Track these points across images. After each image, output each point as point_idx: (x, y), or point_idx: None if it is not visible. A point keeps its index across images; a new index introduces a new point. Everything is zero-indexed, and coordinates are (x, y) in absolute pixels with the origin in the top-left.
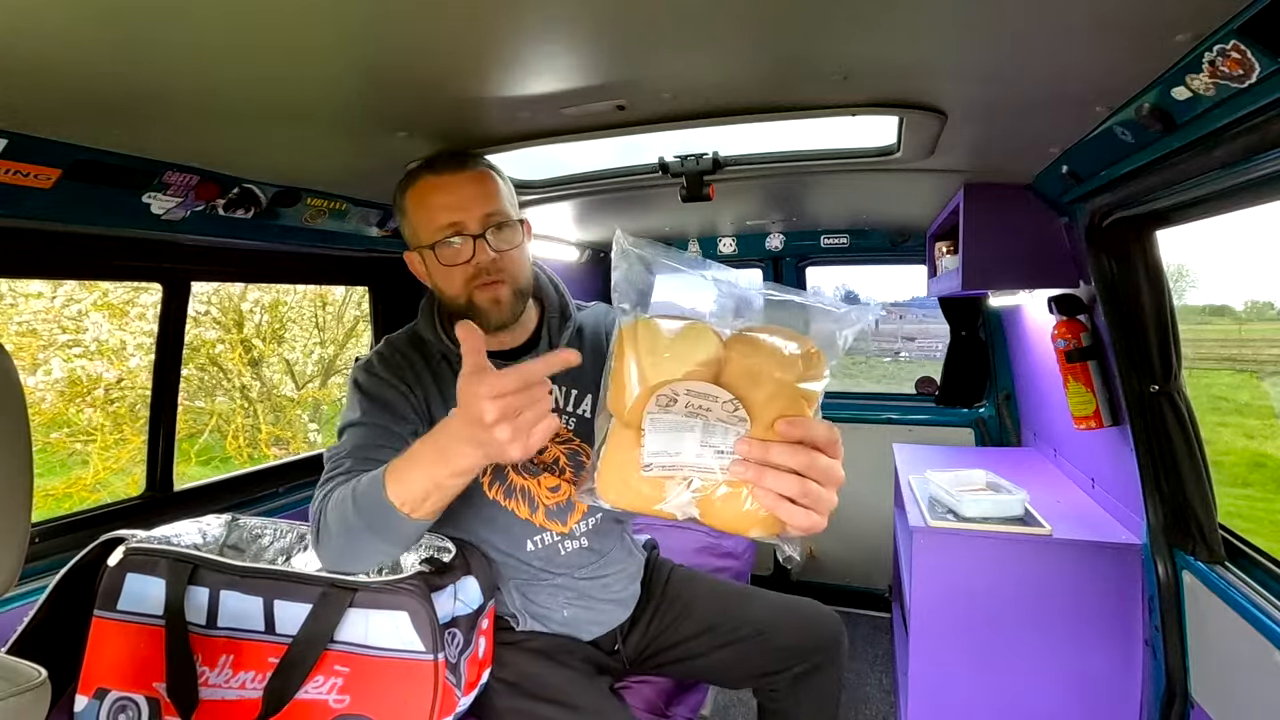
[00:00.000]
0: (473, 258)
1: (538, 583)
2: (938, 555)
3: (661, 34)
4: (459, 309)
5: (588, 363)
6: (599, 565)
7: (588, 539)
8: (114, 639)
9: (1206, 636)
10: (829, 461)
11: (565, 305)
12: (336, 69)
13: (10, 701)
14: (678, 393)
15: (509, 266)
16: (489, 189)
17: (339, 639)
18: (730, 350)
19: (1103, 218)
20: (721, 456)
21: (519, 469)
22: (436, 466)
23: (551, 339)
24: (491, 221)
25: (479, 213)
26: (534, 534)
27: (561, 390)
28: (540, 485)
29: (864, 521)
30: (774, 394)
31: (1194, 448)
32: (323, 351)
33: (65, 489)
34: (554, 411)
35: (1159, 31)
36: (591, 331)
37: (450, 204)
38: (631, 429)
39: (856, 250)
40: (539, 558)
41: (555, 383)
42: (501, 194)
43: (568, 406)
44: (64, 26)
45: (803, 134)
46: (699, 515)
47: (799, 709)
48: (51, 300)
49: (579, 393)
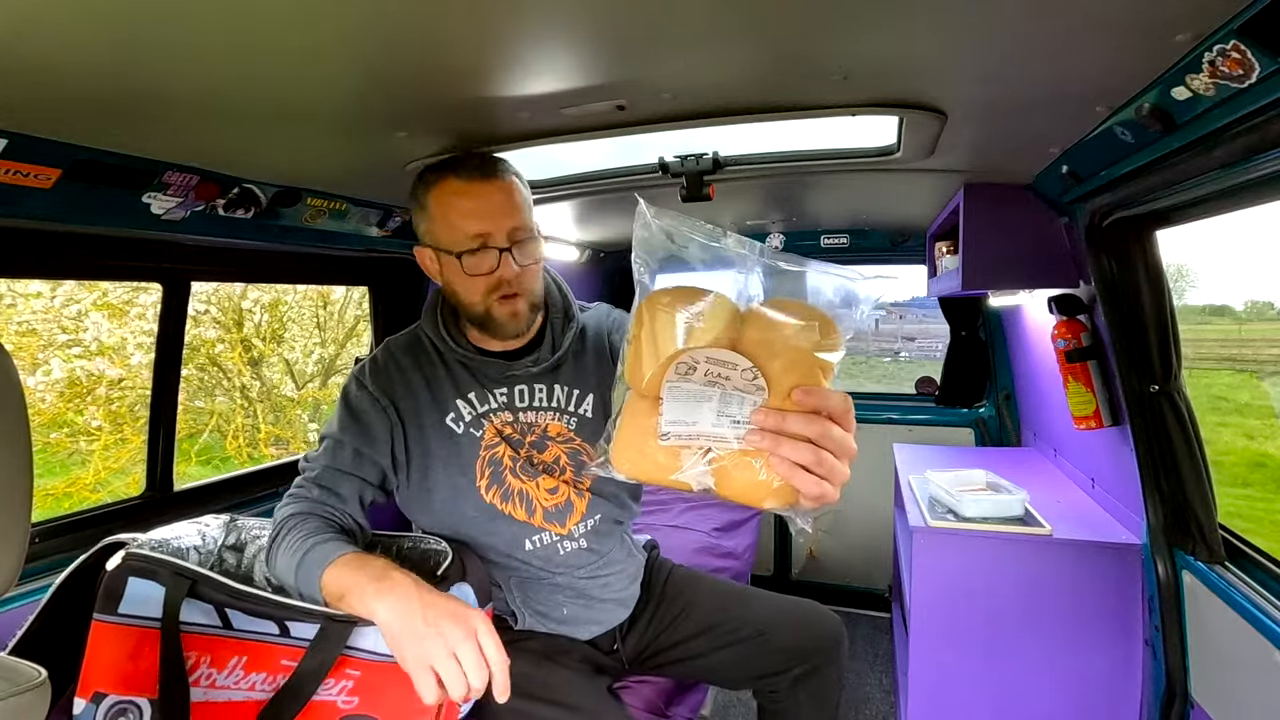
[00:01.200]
0: (497, 270)
1: (537, 581)
2: (938, 555)
3: (661, 34)
4: (474, 316)
5: (590, 363)
6: (599, 565)
7: (586, 540)
8: (113, 642)
9: (1206, 636)
10: (842, 433)
11: (569, 306)
12: (337, 69)
13: (10, 702)
14: (697, 360)
15: (528, 280)
16: (516, 201)
17: (354, 645)
18: (747, 321)
19: (1103, 218)
20: (738, 426)
21: (516, 472)
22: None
23: (555, 340)
24: (518, 236)
25: (507, 225)
26: (532, 534)
27: (563, 390)
28: (539, 487)
29: (864, 521)
30: (791, 364)
31: (1194, 448)
32: (323, 351)
33: (65, 489)
34: (554, 411)
35: (1159, 31)
36: (594, 332)
37: (479, 213)
38: (648, 399)
39: (856, 250)
40: (538, 557)
41: (559, 384)
42: (526, 206)
43: (568, 406)
44: (64, 26)
45: (803, 134)
46: (714, 485)
47: (799, 710)
48: (51, 300)
49: (580, 393)
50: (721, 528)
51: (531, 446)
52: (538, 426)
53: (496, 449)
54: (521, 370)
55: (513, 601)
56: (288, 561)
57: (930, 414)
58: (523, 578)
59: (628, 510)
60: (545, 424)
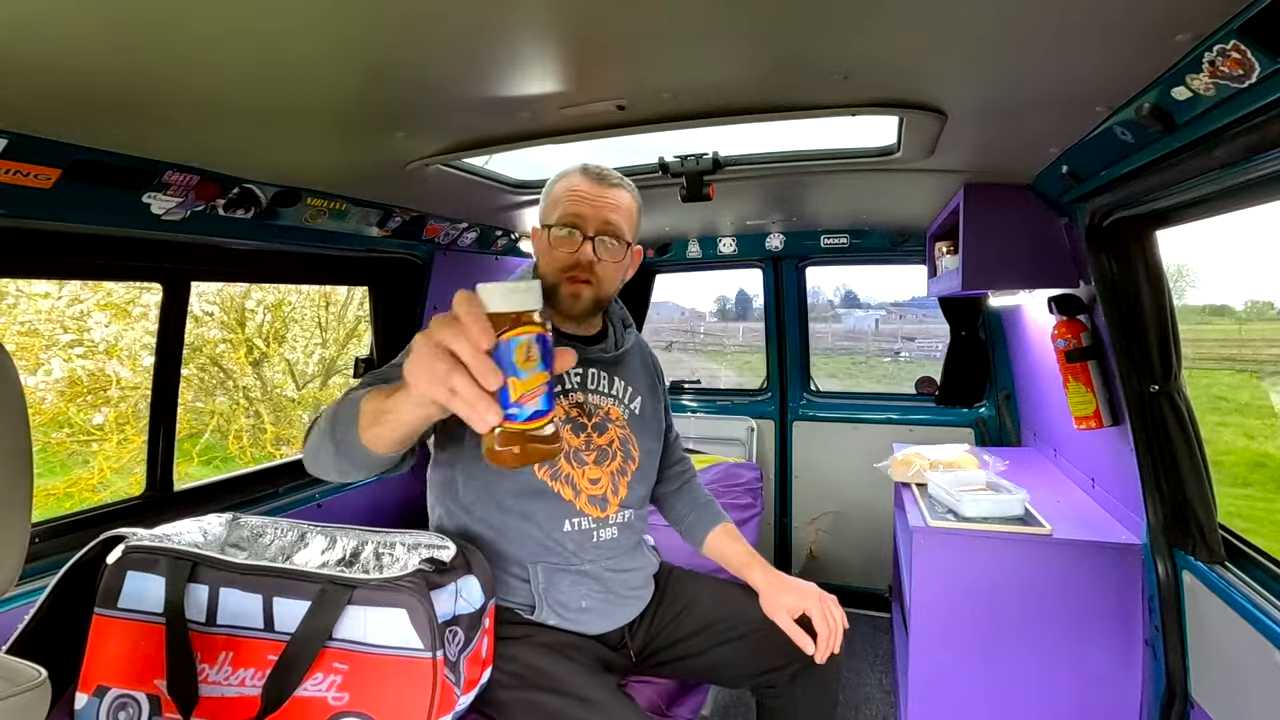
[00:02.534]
0: (576, 251)
1: (566, 569)
2: (938, 555)
3: (661, 34)
4: (547, 288)
5: (638, 369)
6: (626, 558)
7: (618, 530)
8: (114, 637)
9: (1206, 636)
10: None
11: (625, 316)
12: (337, 69)
13: (10, 701)
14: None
15: (601, 274)
16: (619, 205)
17: (338, 636)
18: None
19: (1103, 218)
20: None
21: (569, 458)
22: (395, 394)
23: (617, 339)
24: (608, 230)
25: (601, 219)
26: (573, 515)
27: (622, 383)
28: (584, 476)
29: (864, 521)
30: None
31: (1194, 447)
32: (324, 352)
33: (66, 489)
34: (615, 399)
35: (1159, 31)
36: (634, 346)
37: (584, 201)
38: None
39: (856, 250)
40: (573, 540)
41: (619, 377)
42: (630, 218)
43: (624, 398)
44: (64, 27)
45: (803, 134)
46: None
47: (798, 705)
48: (57, 300)
49: (633, 390)
50: None
51: (594, 428)
52: (602, 409)
53: None
54: (596, 354)
55: (535, 588)
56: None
57: (930, 414)
58: (551, 565)
59: (645, 520)
60: (609, 408)
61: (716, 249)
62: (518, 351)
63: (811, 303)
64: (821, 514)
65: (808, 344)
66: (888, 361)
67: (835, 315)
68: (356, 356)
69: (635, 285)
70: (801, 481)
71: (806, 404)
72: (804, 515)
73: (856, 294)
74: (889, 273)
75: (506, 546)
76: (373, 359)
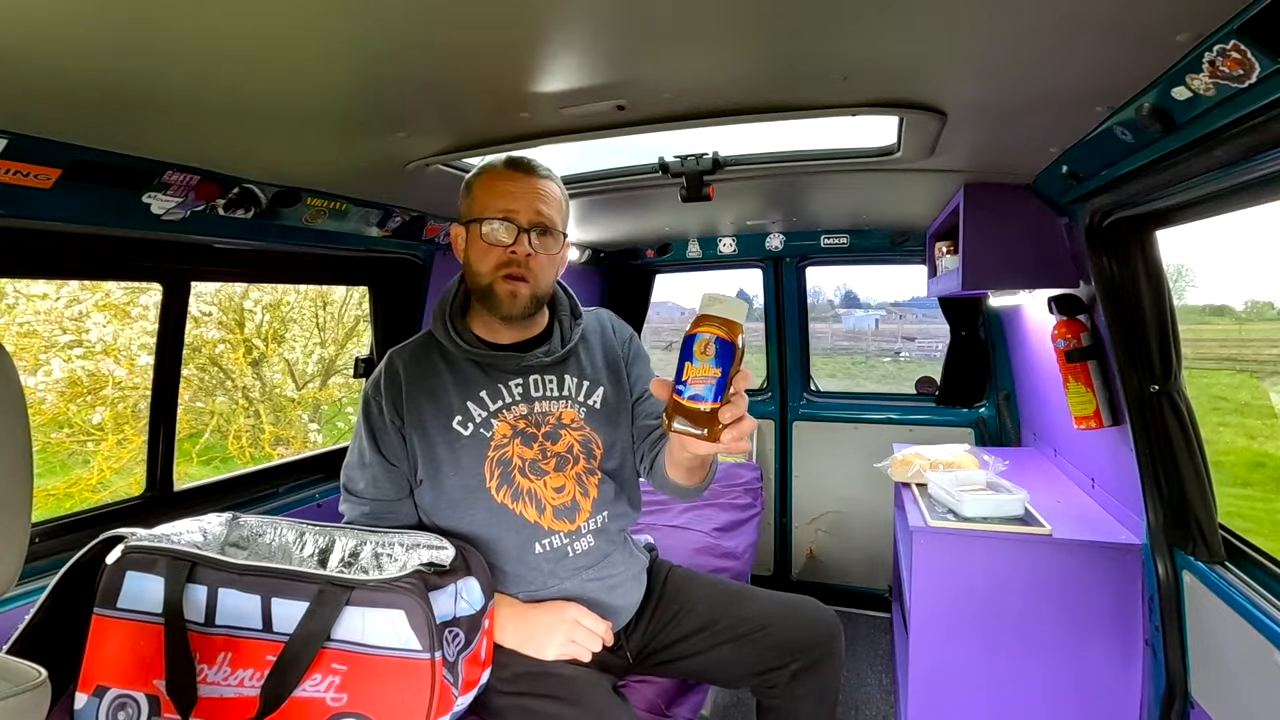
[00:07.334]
0: (511, 245)
1: (545, 591)
2: (938, 555)
3: (661, 34)
4: (479, 290)
5: (598, 359)
6: (605, 565)
7: (594, 538)
8: (113, 637)
9: (1206, 636)
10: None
11: (574, 306)
12: (337, 69)
13: (10, 701)
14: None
15: (537, 269)
16: (547, 195)
17: (336, 637)
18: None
19: (1103, 218)
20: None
21: (525, 471)
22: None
23: (564, 334)
24: (540, 221)
25: (533, 209)
26: (542, 537)
27: (573, 380)
28: (546, 486)
29: (864, 521)
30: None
31: (1194, 447)
32: (323, 352)
33: (66, 489)
34: (566, 400)
35: (1159, 31)
36: (593, 331)
37: (510, 194)
38: None
39: (856, 250)
40: (548, 560)
41: (569, 375)
42: (560, 209)
43: (578, 396)
44: (65, 27)
45: (803, 134)
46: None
47: (797, 705)
48: (55, 300)
49: (590, 385)
50: (721, 528)
51: (546, 437)
52: (552, 415)
53: (506, 449)
54: (535, 360)
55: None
56: None
57: (930, 414)
58: (532, 590)
59: (627, 515)
60: (559, 412)
61: (716, 249)
62: (698, 344)
63: (811, 303)
64: (821, 514)
65: (808, 344)
66: (888, 361)
67: (835, 315)
68: (357, 356)
69: (635, 285)
70: (801, 481)
71: (806, 404)
72: (804, 515)
73: (856, 294)
74: (889, 273)
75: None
76: (372, 359)
